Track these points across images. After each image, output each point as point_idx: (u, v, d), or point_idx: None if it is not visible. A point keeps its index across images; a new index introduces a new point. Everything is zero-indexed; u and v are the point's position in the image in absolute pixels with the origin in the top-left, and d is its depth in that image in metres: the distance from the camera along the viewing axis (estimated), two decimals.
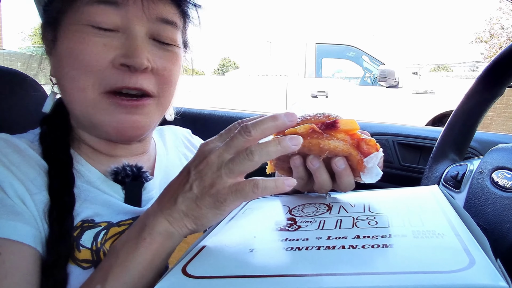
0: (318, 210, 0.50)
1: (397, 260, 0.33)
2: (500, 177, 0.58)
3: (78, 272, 0.47)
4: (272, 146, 0.41)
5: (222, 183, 0.40)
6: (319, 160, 0.49)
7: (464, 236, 0.36)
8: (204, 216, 0.41)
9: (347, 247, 0.36)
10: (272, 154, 0.41)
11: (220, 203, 0.40)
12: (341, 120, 0.49)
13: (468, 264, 0.30)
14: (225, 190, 0.40)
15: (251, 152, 0.40)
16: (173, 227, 0.42)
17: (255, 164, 0.40)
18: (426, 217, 0.42)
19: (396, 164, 1.03)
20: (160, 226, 0.42)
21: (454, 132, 0.77)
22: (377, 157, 0.48)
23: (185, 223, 0.42)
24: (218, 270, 0.36)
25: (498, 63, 0.68)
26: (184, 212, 0.41)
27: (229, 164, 0.40)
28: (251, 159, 0.40)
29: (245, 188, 0.39)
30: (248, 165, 0.40)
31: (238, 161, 0.40)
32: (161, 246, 0.42)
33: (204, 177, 0.41)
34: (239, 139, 0.41)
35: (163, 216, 0.42)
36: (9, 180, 0.46)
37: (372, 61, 4.44)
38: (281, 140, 0.41)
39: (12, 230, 0.43)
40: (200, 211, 0.41)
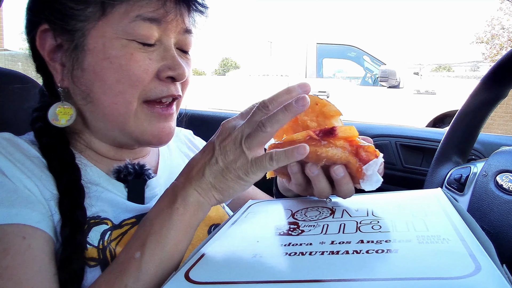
0: (321, 214, 0.49)
1: (402, 266, 0.33)
2: (505, 180, 0.58)
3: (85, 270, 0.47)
4: (280, 114, 0.44)
5: (244, 156, 0.44)
6: (318, 168, 0.49)
7: (469, 241, 0.35)
8: (230, 187, 0.45)
9: (351, 252, 0.36)
10: (281, 121, 0.44)
11: (243, 175, 0.44)
12: (340, 127, 0.48)
13: (474, 270, 0.30)
14: (248, 163, 0.44)
15: (262, 124, 0.44)
16: (202, 197, 0.45)
17: (269, 134, 0.44)
18: (430, 222, 0.41)
19: (399, 166, 1.02)
20: (191, 197, 0.45)
21: (457, 134, 0.77)
22: (377, 164, 0.47)
23: (213, 194, 0.46)
24: (221, 275, 0.36)
25: (501, 65, 0.67)
26: (212, 184, 0.45)
27: (248, 139, 0.44)
28: (264, 131, 0.43)
29: (263, 160, 0.44)
30: (263, 136, 0.44)
31: (255, 135, 0.44)
32: (193, 215, 0.45)
33: (228, 151, 0.45)
34: (258, 114, 0.45)
35: (192, 187, 0.45)
36: (17, 175, 0.47)
37: (373, 61, 4.44)
38: (288, 105, 0.44)
39: (29, 217, 0.45)
40: (227, 183, 0.45)
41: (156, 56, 0.53)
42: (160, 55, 0.53)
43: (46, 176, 0.50)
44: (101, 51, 0.50)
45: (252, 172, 0.44)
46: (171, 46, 0.54)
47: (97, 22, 0.51)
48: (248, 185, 0.46)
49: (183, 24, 0.56)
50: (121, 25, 0.50)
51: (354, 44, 4.47)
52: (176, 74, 0.53)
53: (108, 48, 0.50)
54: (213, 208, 0.63)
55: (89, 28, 0.51)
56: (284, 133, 0.54)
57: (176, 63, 0.53)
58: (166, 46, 0.54)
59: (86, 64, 0.51)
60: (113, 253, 0.48)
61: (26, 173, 0.48)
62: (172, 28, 0.54)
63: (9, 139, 0.51)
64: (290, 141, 0.49)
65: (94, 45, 0.51)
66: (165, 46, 0.54)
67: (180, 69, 0.53)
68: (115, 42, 0.50)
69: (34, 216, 0.45)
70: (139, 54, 0.51)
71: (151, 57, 0.52)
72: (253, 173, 0.44)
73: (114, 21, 0.50)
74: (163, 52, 0.53)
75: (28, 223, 0.44)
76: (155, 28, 0.52)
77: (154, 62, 0.53)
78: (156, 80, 0.53)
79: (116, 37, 0.50)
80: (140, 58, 0.51)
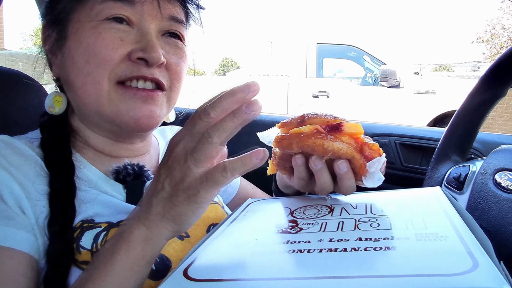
0: (320, 212, 0.49)
1: (399, 263, 0.33)
2: (503, 179, 0.58)
3: (78, 274, 0.46)
4: (228, 121, 0.38)
5: (192, 174, 0.38)
6: (322, 161, 0.49)
7: (467, 238, 0.35)
8: (182, 214, 0.39)
9: (349, 250, 0.36)
10: (230, 129, 0.38)
11: (194, 196, 0.38)
12: (346, 123, 0.49)
13: (471, 267, 0.30)
14: (197, 181, 0.38)
15: (208, 135, 0.38)
16: (151, 231, 0.40)
17: (215, 145, 0.38)
18: (428, 220, 0.42)
19: (398, 165, 1.02)
20: (137, 233, 0.40)
21: (456, 133, 0.77)
22: (380, 162, 0.48)
23: (164, 225, 0.40)
24: (219, 273, 0.36)
25: (501, 64, 0.67)
26: (161, 214, 0.40)
27: (193, 153, 0.38)
28: (210, 142, 0.38)
29: (214, 174, 0.38)
30: (210, 148, 0.38)
31: (200, 148, 0.38)
32: (140, 252, 0.40)
33: (173, 172, 0.39)
34: (200, 124, 0.39)
35: (140, 221, 0.41)
36: (7, 183, 0.46)
37: (374, 61, 4.44)
38: (236, 111, 0.38)
39: (3, 236, 0.43)
40: (177, 209, 0.39)
41: (130, 38, 0.53)
42: (135, 39, 0.53)
43: (40, 177, 0.50)
44: (75, 35, 0.52)
45: (204, 190, 0.38)
46: (149, 31, 0.54)
47: (75, 10, 0.53)
48: (203, 207, 0.40)
49: (164, 8, 0.55)
50: (94, 9, 0.52)
51: (354, 44, 4.47)
52: (147, 56, 0.52)
53: (80, 31, 0.52)
54: (212, 208, 0.64)
55: (69, 16, 0.53)
56: None
57: (150, 46, 0.52)
58: (143, 31, 0.53)
59: (65, 50, 0.54)
60: None
61: (19, 179, 0.47)
62: (149, 11, 0.54)
63: (5, 141, 0.51)
64: (297, 133, 0.50)
65: (71, 31, 0.53)
66: (142, 30, 0.53)
67: (153, 52, 0.52)
68: (87, 25, 0.52)
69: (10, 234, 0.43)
70: (108, 34, 0.51)
71: (124, 38, 0.52)
72: (206, 191, 0.38)
73: (88, 6, 0.52)
74: (139, 36, 0.53)
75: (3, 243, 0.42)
76: (128, 9, 0.52)
77: (127, 43, 0.52)
78: (127, 61, 0.52)
79: (88, 20, 0.52)
80: (108, 37, 0.51)
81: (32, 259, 0.44)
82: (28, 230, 0.45)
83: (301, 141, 0.49)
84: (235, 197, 0.81)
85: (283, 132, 0.53)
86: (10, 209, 0.45)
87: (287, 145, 0.51)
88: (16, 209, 0.45)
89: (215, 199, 0.67)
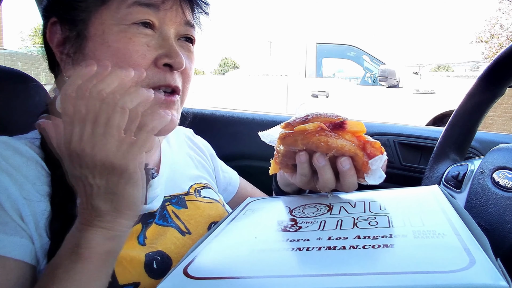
0: (319, 210, 0.50)
1: (397, 260, 0.33)
2: (501, 177, 0.59)
3: None
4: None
5: (113, 142, 0.39)
6: (326, 158, 0.50)
7: (465, 236, 0.36)
8: (122, 197, 0.40)
9: (348, 248, 0.37)
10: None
11: (123, 172, 0.39)
12: (349, 122, 0.51)
13: (468, 264, 0.30)
14: (121, 153, 0.39)
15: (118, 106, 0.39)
16: (110, 230, 0.41)
17: (117, 111, 0.39)
18: (426, 217, 0.42)
19: (397, 164, 1.02)
20: (96, 237, 0.40)
21: (455, 132, 0.77)
22: (381, 160, 0.49)
23: (121, 216, 0.41)
24: (219, 271, 0.36)
25: (499, 63, 0.67)
26: (106, 209, 0.40)
27: (92, 139, 0.39)
28: (116, 111, 0.39)
29: (138, 140, 0.40)
30: (122, 116, 0.39)
31: (97, 131, 0.39)
32: (104, 256, 0.41)
33: (86, 167, 0.40)
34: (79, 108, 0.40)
35: (93, 226, 0.40)
36: (5, 186, 0.46)
37: (373, 61, 4.44)
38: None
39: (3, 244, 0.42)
40: (116, 195, 0.40)
41: (154, 44, 0.53)
42: (158, 44, 0.54)
43: (41, 177, 0.49)
44: (101, 36, 0.52)
45: (131, 158, 0.39)
46: (170, 36, 0.55)
47: (97, 11, 0.52)
48: (138, 178, 0.41)
49: (183, 15, 0.56)
50: (120, 12, 0.52)
51: (353, 44, 4.47)
52: (173, 61, 0.53)
53: (107, 33, 0.52)
54: (213, 206, 0.64)
55: (91, 17, 0.53)
56: None
57: (174, 52, 0.53)
58: (164, 35, 0.54)
59: (87, 50, 0.53)
60: None
61: (19, 181, 0.47)
62: (172, 17, 0.55)
63: (6, 142, 0.51)
64: (302, 131, 0.51)
65: (95, 32, 0.52)
66: (164, 35, 0.54)
67: (177, 57, 0.53)
68: (114, 28, 0.52)
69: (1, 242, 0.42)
70: (138, 39, 0.52)
71: (150, 44, 0.53)
72: (132, 158, 0.39)
73: (113, 9, 0.52)
74: (161, 41, 0.54)
75: None
76: (153, 14, 0.53)
77: (152, 49, 0.53)
78: (153, 68, 0.53)
79: (115, 23, 0.52)
80: (138, 43, 0.52)
81: (26, 266, 0.43)
82: (22, 236, 0.44)
83: (306, 138, 0.50)
84: (235, 196, 0.81)
85: (286, 129, 0.54)
86: (5, 214, 0.44)
87: (291, 142, 0.52)
88: (12, 212, 0.45)
89: (216, 197, 0.68)
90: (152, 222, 0.54)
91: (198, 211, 0.61)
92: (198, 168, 0.73)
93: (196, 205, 0.62)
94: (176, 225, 0.56)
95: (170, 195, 0.61)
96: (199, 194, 0.65)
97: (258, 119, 1.19)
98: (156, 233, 0.53)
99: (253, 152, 1.15)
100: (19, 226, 0.45)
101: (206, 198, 0.65)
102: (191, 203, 0.62)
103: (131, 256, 0.48)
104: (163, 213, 0.57)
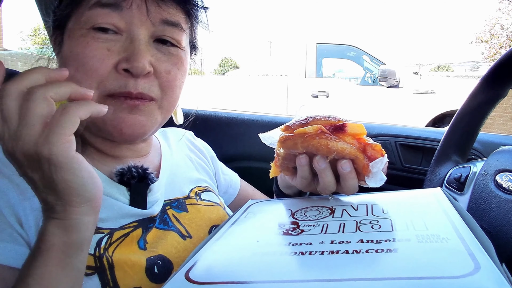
0: (321, 213, 0.49)
1: (401, 265, 0.33)
2: (504, 180, 0.58)
3: None
4: None
5: (34, 129, 0.36)
6: (326, 161, 0.50)
7: (469, 240, 0.35)
8: (61, 185, 0.37)
9: (351, 252, 0.36)
10: None
11: (57, 157, 0.36)
12: (350, 124, 0.50)
13: (473, 270, 0.30)
14: (49, 143, 0.36)
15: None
16: (66, 220, 0.39)
17: (39, 101, 0.37)
18: (429, 221, 0.41)
19: (398, 166, 1.02)
20: (50, 229, 0.39)
21: (457, 133, 0.77)
22: (382, 162, 0.49)
23: (65, 208, 0.39)
24: (221, 275, 0.36)
25: (501, 64, 0.67)
26: (52, 200, 0.38)
27: (17, 133, 0.37)
28: (37, 100, 0.37)
29: (58, 122, 0.36)
30: (43, 106, 0.37)
31: (19, 126, 0.36)
32: (64, 248, 0.39)
33: (26, 162, 0.37)
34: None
35: (47, 218, 0.39)
36: (6, 192, 0.45)
37: (373, 61, 4.44)
38: None
39: None
40: (54, 184, 0.37)
41: (119, 47, 0.51)
42: (123, 47, 0.51)
43: None
44: (68, 41, 0.52)
45: (57, 142, 0.36)
46: (138, 38, 0.51)
47: (70, 15, 0.52)
48: (70, 163, 0.37)
49: (153, 13, 0.52)
50: (83, 15, 0.51)
51: (353, 44, 4.47)
52: (130, 66, 0.49)
53: (71, 38, 0.51)
54: (214, 209, 0.63)
55: (67, 22, 0.53)
56: None
57: (134, 55, 0.50)
58: (132, 37, 0.51)
59: (61, 56, 0.53)
60: (110, 261, 0.47)
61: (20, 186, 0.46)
62: (138, 16, 0.51)
63: None
64: (302, 133, 0.51)
65: (67, 37, 0.52)
66: (131, 37, 0.51)
67: (136, 62, 0.49)
68: (77, 32, 0.51)
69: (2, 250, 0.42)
70: (96, 44, 0.50)
71: (112, 48, 0.50)
72: (58, 141, 0.36)
73: (79, 12, 0.51)
74: (128, 44, 0.51)
75: None
76: (116, 16, 0.50)
77: (114, 53, 0.50)
78: (114, 73, 0.50)
79: (79, 27, 0.51)
80: (95, 48, 0.50)
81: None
82: (19, 243, 0.44)
83: (306, 141, 0.50)
84: (236, 199, 0.81)
85: (286, 132, 0.54)
86: (2, 220, 0.44)
87: (291, 145, 0.51)
88: (11, 219, 0.44)
89: (217, 200, 0.67)
90: (152, 226, 0.54)
91: (198, 214, 0.60)
92: (198, 171, 0.73)
93: (196, 209, 0.61)
94: (177, 229, 0.56)
95: (171, 199, 0.61)
96: (199, 198, 0.65)
97: (259, 120, 1.19)
98: (156, 237, 0.53)
99: (253, 153, 1.15)
100: (17, 233, 0.44)
101: (206, 201, 0.65)
102: (191, 207, 0.61)
103: (132, 261, 0.47)
104: (163, 217, 0.57)
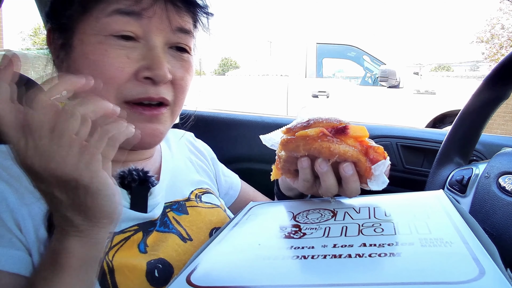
0: (323, 216, 0.49)
1: (405, 270, 0.32)
2: (507, 182, 0.58)
3: None
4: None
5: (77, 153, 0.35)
6: (328, 164, 0.50)
7: (473, 244, 0.35)
8: (93, 209, 0.38)
9: (354, 256, 0.36)
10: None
11: (88, 183, 0.36)
12: (352, 126, 0.50)
13: (478, 275, 0.30)
14: (80, 165, 0.36)
15: (71, 115, 0.36)
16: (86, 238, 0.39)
17: (77, 119, 0.36)
18: (432, 224, 0.41)
19: (400, 167, 1.02)
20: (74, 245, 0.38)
21: (459, 135, 0.76)
22: (384, 165, 0.49)
23: (92, 228, 0.39)
24: (222, 279, 0.35)
25: (504, 65, 0.67)
26: (78, 221, 0.38)
27: (45, 153, 0.35)
28: (76, 118, 0.36)
29: (99, 152, 0.37)
30: (78, 124, 0.36)
31: (49, 144, 0.35)
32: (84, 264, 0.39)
33: (54, 182, 0.36)
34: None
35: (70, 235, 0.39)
36: (5, 196, 0.45)
37: (373, 61, 4.44)
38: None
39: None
40: (86, 207, 0.37)
41: (137, 55, 0.51)
42: (142, 54, 0.51)
43: None
44: (80, 47, 0.51)
45: (93, 166, 0.36)
46: (156, 45, 0.52)
47: (80, 20, 0.51)
48: (107, 190, 0.38)
49: (172, 21, 0.53)
50: (99, 21, 0.50)
51: (354, 44, 4.47)
52: (153, 74, 0.50)
53: (86, 44, 0.50)
54: (214, 211, 0.63)
55: (75, 26, 0.52)
56: None
57: (156, 63, 0.50)
58: (150, 45, 0.51)
59: (71, 61, 0.52)
60: (110, 265, 0.46)
61: (19, 190, 0.46)
62: (157, 24, 0.52)
63: (5, 152, 0.50)
64: (304, 136, 0.51)
65: (77, 41, 0.51)
66: (149, 45, 0.51)
67: (158, 70, 0.50)
68: (92, 39, 0.50)
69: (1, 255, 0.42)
70: (115, 51, 0.49)
71: (131, 56, 0.50)
72: (95, 166, 0.36)
73: (93, 18, 0.50)
74: (146, 51, 0.51)
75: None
76: (135, 24, 0.50)
77: (134, 61, 0.50)
78: (134, 81, 0.51)
79: (94, 34, 0.50)
80: (114, 55, 0.49)
81: (22, 279, 0.42)
82: (18, 248, 0.43)
83: (308, 143, 0.50)
84: (236, 200, 0.80)
85: (288, 135, 0.53)
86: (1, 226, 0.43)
87: (293, 147, 0.51)
88: (10, 224, 0.44)
89: (217, 202, 0.67)
90: (153, 230, 0.53)
91: (199, 217, 0.60)
92: (199, 173, 0.73)
93: (197, 211, 0.61)
94: (178, 231, 0.56)
95: (171, 201, 0.60)
96: (200, 200, 0.64)
97: (260, 121, 1.18)
98: (157, 240, 0.52)
99: (254, 154, 1.14)
100: (16, 238, 0.44)
101: (207, 203, 0.64)
102: (192, 209, 0.61)
103: (133, 265, 0.47)
104: (164, 219, 0.56)
